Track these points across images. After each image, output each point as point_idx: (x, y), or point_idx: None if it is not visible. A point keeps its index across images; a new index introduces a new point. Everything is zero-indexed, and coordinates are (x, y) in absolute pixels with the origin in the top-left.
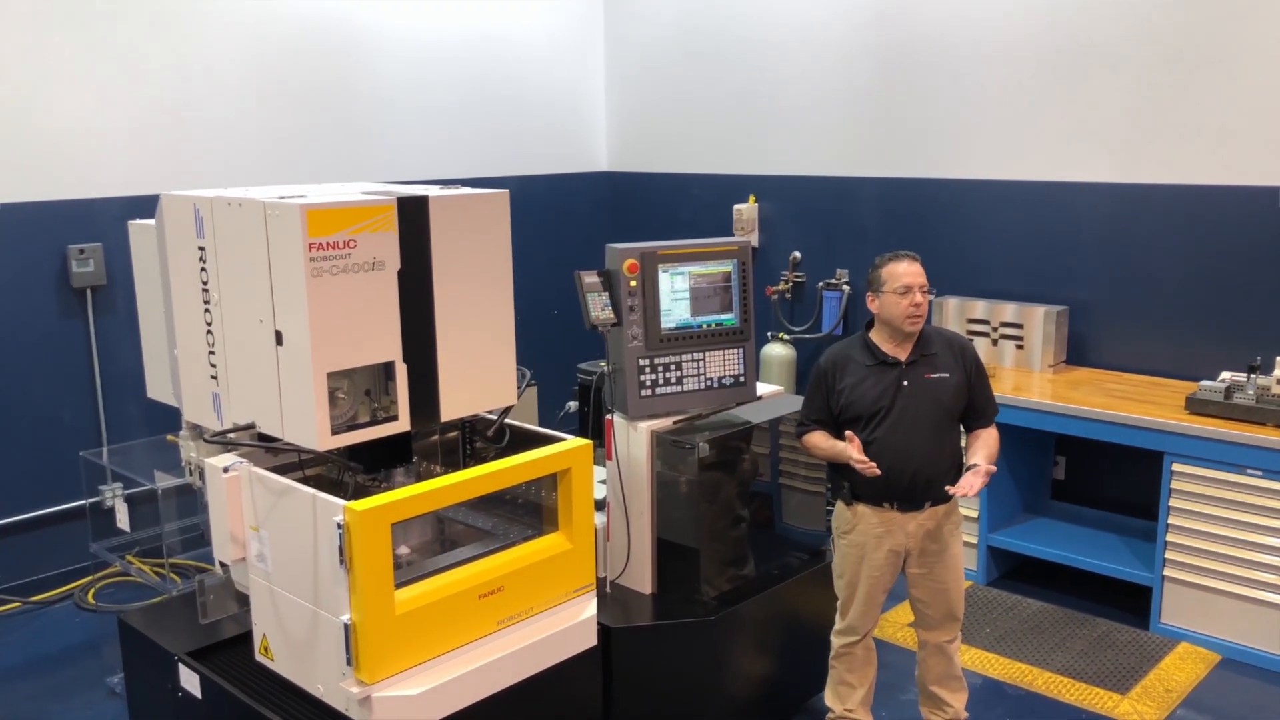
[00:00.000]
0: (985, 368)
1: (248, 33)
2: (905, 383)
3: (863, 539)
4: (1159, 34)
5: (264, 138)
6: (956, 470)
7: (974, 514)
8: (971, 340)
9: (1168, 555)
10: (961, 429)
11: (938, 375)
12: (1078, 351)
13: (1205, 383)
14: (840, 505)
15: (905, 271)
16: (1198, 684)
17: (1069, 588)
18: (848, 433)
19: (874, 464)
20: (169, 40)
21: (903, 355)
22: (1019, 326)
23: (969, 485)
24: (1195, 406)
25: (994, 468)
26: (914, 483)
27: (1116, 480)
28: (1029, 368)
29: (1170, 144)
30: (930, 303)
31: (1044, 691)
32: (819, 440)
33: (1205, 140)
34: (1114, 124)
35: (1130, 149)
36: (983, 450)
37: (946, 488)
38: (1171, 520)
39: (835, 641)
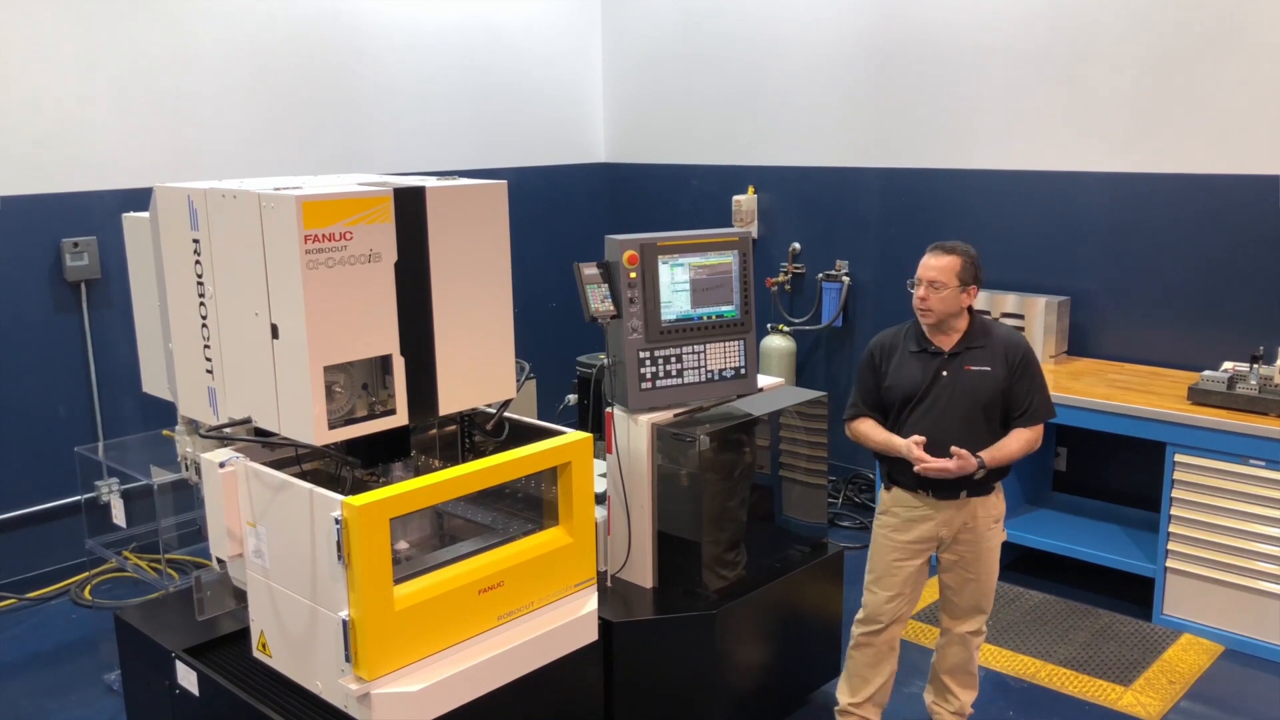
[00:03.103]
0: (1037, 368)
1: (243, 24)
2: (944, 372)
3: (894, 521)
4: (1161, 23)
5: (259, 130)
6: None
7: None
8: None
9: (1170, 546)
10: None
11: (978, 368)
12: (1079, 342)
13: (1208, 373)
14: (882, 487)
15: (922, 264)
16: (1201, 675)
17: (1071, 579)
18: (915, 437)
19: (941, 462)
20: (163, 31)
21: (946, 345)
22: (1020, 317)
23: (936, 463)
24: (1198, 397)
25: (976, 460)
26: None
27: (1118, 471)
28: None
29: (1172, 133)
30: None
31: (1047, 684)
32: (869, 429)
33: (1207, 129)
34: (1116, 113)
35: (1132, 138)
36: (997, 445)
37: (917, 468)
38: (1174, 511)
39: (855, 631)
